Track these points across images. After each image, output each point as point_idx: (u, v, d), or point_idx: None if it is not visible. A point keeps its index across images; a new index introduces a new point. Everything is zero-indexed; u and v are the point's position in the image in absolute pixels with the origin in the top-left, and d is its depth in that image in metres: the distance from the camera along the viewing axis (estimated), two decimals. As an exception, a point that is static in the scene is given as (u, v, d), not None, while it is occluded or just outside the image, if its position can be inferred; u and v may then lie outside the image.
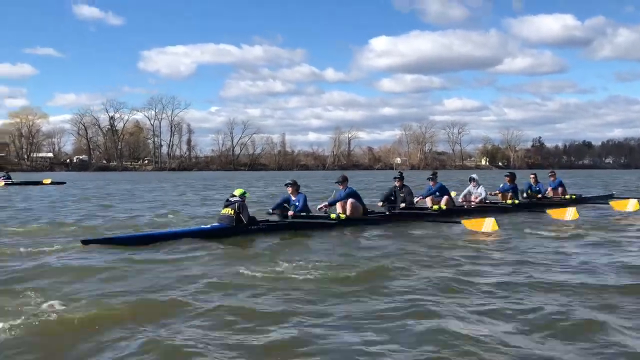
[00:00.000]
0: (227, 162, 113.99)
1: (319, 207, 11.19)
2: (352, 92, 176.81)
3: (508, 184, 14.50)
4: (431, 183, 13.27)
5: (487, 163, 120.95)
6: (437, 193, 13.02)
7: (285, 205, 10.68)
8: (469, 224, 10.18)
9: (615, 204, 13.71)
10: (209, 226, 9.54)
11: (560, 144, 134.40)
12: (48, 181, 34.27)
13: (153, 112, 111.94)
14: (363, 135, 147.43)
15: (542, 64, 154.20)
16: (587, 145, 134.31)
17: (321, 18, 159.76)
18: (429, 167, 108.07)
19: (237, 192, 9.81)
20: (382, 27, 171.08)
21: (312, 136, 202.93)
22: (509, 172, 15.48)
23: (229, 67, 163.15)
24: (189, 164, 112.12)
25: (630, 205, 13.03)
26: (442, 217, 12.08)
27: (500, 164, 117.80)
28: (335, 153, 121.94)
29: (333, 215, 10.57)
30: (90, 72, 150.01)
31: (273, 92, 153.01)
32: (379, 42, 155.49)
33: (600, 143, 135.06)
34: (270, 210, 10.78)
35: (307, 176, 55.67)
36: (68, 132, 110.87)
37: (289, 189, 10.78)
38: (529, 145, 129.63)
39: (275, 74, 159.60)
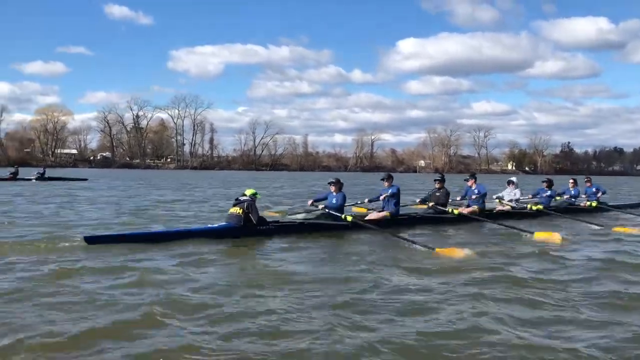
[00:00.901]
0: (249, 162, 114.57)
1: (358, 202, 12.14)
2: (379, 94, 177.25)
3: (545, 188, 14.76)
4: (469, 183, 13.03)
5: (514, 167, 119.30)
6: (478, 192, 12.78)
7: (321, 201, 11.16)
8: (541, 235, 10.05)
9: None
10: (216, 225, 9.58)
11: (590, 150, 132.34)
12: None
13: (176, 111, 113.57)
14: (388, 137, 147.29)
15: (574, 67, 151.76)
16: (618, 151, 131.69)
17: (347, 19, 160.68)
18: (453, 170, 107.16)
19: (248, 192, 9.85)
20: (409, 28, 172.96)
21: (338, 138, 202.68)
22: (547, 178, 15.55)
23: (256, 68, 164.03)
24: (210, 163, 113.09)
25: None
26: (471, 221, 12.05)
27: (527, 168, 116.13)
28: (357, 154, 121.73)
29: (350, 218, 10.45)
30: (120, 71, 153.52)
31: (300, 93, 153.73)
32: (407, 44, 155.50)
33: (632, 150, 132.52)
34: (310, 203, 11.29)
35: (327, 178, 55.53)
36: (94, 129, 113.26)
37: (332, 188, 11.10)
38: (557, 150, 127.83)
39: (302, 74, 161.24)
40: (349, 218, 10.38)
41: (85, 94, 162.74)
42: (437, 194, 12.57)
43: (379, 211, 11.47)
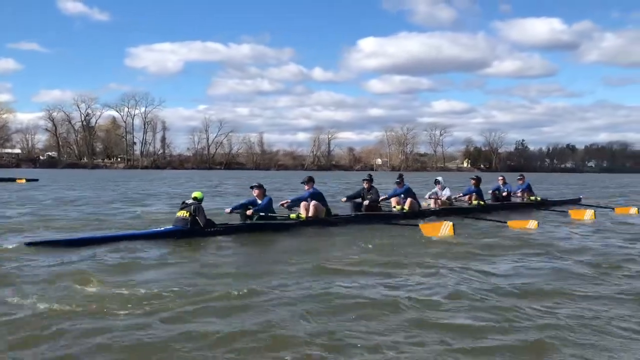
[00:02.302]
0: (202, 161, 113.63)
1: (280, 203, 11.51)
2: (341, 92, 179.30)
3: (473, 187, 15.28)
4: (397, 186, 13.66)
5: (469, 165, 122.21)
6: (402, 195, 13.42)
7: (250, 207, 10.83)
8: (426, 228, 10.52)
9: (573, 213, 14.29)
10: (162, 228, 9.64)
11: (544, 147, 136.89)
12: (22, 180, 33.78)
13: (126, 109, 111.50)
14: (350, 136, 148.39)
15: (530, 67, 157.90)
16: (570, 148, 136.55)
17: (308, 17, 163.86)
18: (409, 168, 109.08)
19: (195, 195, 10.00)
20: (370, 27, 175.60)
21: (301, 136, 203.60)
22: (475, 176, 16.24)
23: (217, 65, 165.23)
24: (162, 162, 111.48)
25: (587, 215, 13.71)
26: (405, 219, 12.48)
27: (482, 166, 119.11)
28: (315, 153, 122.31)
29: (293, 216, 10.85)
30: (76, 69, 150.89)
31: (261, 91, 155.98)
32: (367, 43, 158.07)
33: (583, 147, 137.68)
34: (231, 209, 10.86)
35: (283, 176, 55.86)
36: (41, 128, 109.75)
37: (255, 192, 11.04)
38: (512, 148, 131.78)
39: (263, 72, 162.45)
40: (293, 216, 10.80)
41: (39, 92, 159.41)
42: (369, 195, 12.98)
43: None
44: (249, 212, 10.63)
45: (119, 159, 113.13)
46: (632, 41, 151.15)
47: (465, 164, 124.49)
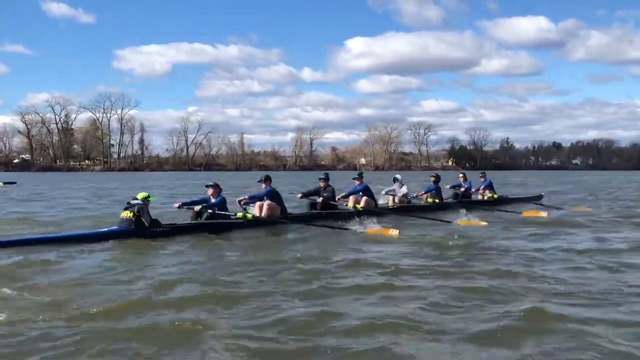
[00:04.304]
0: (181, 163, 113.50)
1: (238, 199, 11.91)
2: (331, 92, 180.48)
3: (432, 184, 15.89)
4: (357, 182, 14.12)
5: (454, 164, 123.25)
6: (360, 193, 13.87)
7: (204, 205, 11.19)
8: (372, 236, 10.68)
9: (526, 214, 14.40)
10: (106, 229, 9.95)
11: (529, 145, 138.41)
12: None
13: (102, 110, 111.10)
14: (342, 136, 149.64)
15: (517, 65, 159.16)
16: (556, 146, 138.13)
17: (295, 18, 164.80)
18: (393, 167, 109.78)
19: (140, 195, 10.34)
20: (357, 27, 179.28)
21: (291, 136, 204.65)
22: (435, 174, 16.87)
23: (205, 67, 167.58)
24: (140, 164, 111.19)
25: (541, 215, 14.16)
26: (359, 216, 12.88)
27: (467, 164, 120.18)
28: (297, 153, 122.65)
29: (240, 214, 11.21)
30: (63, 71, 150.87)
31: (251, 92, 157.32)
32: (355, 43, 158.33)
33: (569, 144, 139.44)
34: (177, 205, 11.37)
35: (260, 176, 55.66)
36: (16, 131, 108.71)
37: (210, 191, 11.45)
38: (497, 146, 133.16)
39: (252, 73, 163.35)
40: (240, 214, 11.15)
41: (26, 95, 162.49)
42: (325, 194, 13.52)
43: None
44: (196, 208, 10.98)
45: (96, 162, 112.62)
46: (617, 39, 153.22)
47: (450, 163, 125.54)
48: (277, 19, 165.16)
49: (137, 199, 10.24)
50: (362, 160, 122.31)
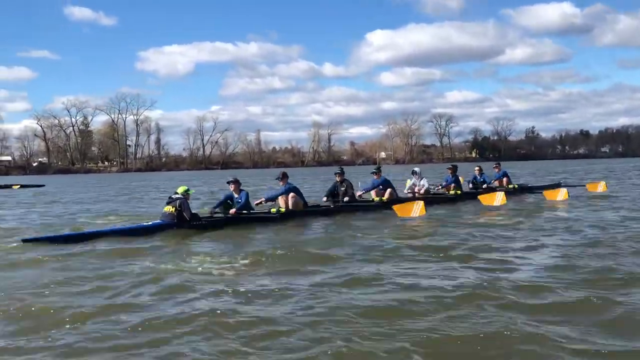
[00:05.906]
0: (198, 162, 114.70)
1: (255, 202, 12.20)
2: (352, 87, 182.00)
3: (450, 176, 16.14)
4: (375, 177, 14.45)
5: (477, 155, 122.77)
6: (381, 187, 14.22)
7: (229, 202, 11.61)
8: (399, 209, 11.45)
9: (547, 193, 15.47)
10: (150, 223, 10.45)
11: (556, 134, 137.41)
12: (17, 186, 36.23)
13: (117, 111, 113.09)
14: (366, 130, 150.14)
15: (543, 53, 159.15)
16: (584, 134, 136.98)
17: (314, 13, 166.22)
18: (414, 160, 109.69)
19: (180, 189, 10.79)
20: (377, 20, 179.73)
21: (308, 132, 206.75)
22: (451, 165, 17.21)
23: (227, 65, 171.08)
24: (157, 164, 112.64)
25: (560, 194, 14.93)
26: (385, 208, 13.23)
27: (490, 155, 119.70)
28: (315, 149, 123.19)
29: (273, 210, 11.68)
30: (88, 74, 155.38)
31: (272, 88, 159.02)
32: (376, 36, 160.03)
33: (597, 132, 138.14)
34: (212, 209, 11.61)
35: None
36: (33, 134, 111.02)
37: (231, 187, 11.77)
38: (522, 136, 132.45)
39: (273, 70, 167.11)
40: (273, 210, 11.63)
41: (53, 99, 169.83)
42: (342, 188, 13.69)
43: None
44: (232, 212, 11.29)
45: (113, 163, 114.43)
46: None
47: (473, 154, 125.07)
48: (297, 15, 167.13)
49: (177, 193, 10.73)
50: (382, 154, 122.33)
